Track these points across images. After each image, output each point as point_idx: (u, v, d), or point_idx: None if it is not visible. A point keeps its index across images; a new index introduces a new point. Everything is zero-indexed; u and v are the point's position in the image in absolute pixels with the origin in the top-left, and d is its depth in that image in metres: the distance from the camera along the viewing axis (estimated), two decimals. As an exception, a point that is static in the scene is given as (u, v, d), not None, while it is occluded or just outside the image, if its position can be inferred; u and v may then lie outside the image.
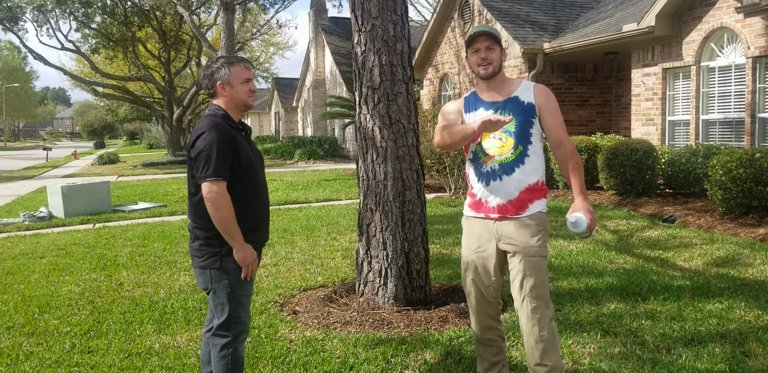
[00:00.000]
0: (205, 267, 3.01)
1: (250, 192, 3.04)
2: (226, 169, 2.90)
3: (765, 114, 9.14)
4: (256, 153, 3.19)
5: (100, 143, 56.08)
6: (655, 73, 11.02)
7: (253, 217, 3.06)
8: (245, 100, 3.08)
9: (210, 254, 2.99)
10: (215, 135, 2.90)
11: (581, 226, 2.85)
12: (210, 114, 3.06)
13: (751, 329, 4.11)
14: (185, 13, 18.67)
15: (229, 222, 2.89)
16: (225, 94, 3.05)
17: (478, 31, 2.94)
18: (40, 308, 5.15)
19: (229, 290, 3.00)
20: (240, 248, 2.94)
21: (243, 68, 3.05)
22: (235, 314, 3.02)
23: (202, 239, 3.01)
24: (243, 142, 3.04)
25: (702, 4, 9.96)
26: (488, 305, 3.09)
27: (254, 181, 3.06)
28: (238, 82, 3.04)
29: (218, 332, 3.03)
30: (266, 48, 40.06)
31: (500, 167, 2.94)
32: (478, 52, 2.94)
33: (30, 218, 10.24)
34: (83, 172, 22.56)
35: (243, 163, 2.97)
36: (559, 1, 15.57)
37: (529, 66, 13.56)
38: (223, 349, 3.01)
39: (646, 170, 9.33)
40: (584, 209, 2.87)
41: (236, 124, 3.08)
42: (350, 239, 7.66)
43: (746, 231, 7.04)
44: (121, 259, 6.96)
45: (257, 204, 3.10)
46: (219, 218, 2.88)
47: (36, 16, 24.39)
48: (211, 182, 2.86)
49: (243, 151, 2.99)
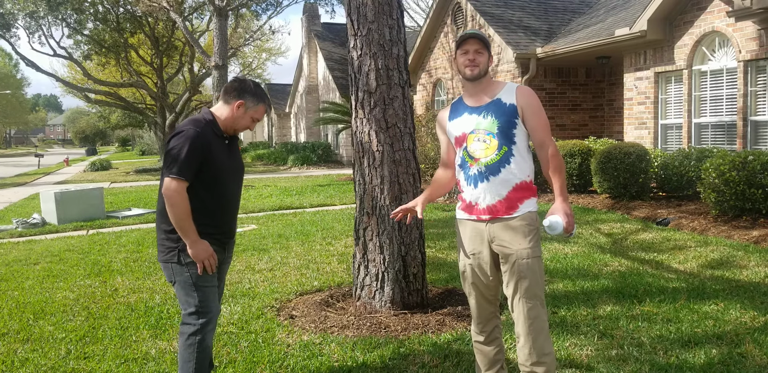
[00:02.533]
0: (166, 261, 3.11)
1: (215, 199, 3.11)
2: (190, 171, 2.98)
3: (757, 117, 9.21)
4: (237, 162, 3.25)
5: (92, 150, 55.87)
6: (648, 77, 11.08)
7: (213, 218, 3.13)
8: (238, 128, 3.20)
9: (170, 248, 3.09)
10: (189, 137, 2.99)
11: (557, 229, 2.87)
12: (196, 118, 3.14)
13: (747, 330, 4.13)
14: (178, 19, 18.65)
15: (183, 219, 2.98)
16: (233, 112, 3.14)
17: (469, 34, 2.98)
18: (34, 314, 5.11)
19: (191, 281, 3.09)
20: (193, 244, 3.02)
21: (263, 110, 3.20)
22: (203, 304, 3.11)
23: (162, 234, 3.11)
24: (219, 150, 3.10)
25: (693, 9, 10.03)
26: (488, 304, 3.13)
27: (221, 188, 3.12)
28: (250, 114, 3.16)
29: (185, 321, 3.14)
30: (259, 54, 40.05)
31: (486, 169, 2.97)
32: (467, 54, 2.98)
33: (23, 224, 10.19)
34: (76, 178, 22.47)
35: (211, 170, 3.05)
36: (552, 7, 15.66)
37: (522, 71, 13.62)
38: (189, 337, 3.11)
39: (639, 174, 9.38)
40: (562, 210, 2.89)
41: (220, 132, 3.15)
42: (345, 244, 7.65)
43: (740, 233, 7.08)
44: (115, 265, 6.93)
45: (221, 212, 3.16)
46: (173, 215, 2.98)
47: (28, 23, 24.28)
48: (171, 179, 2.97)
49: (215, 158, 3.06)
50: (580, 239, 7.33)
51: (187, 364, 3.12)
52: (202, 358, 3.12)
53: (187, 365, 3.12)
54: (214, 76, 17.00)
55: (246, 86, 3.16)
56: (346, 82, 23.79)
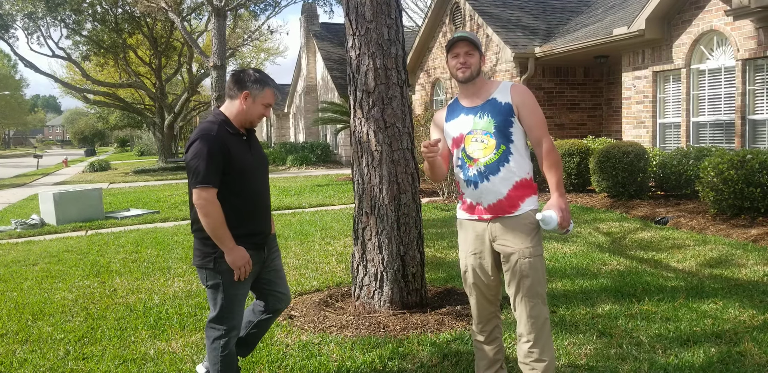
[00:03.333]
0: (201, 266, 3.12)
1: (244, 197, 3.11)
2: (215, 176, 2.97)
3: (755, 116, 9.21)
4: (258, 156, 3.23)
5: (91, 151, 55.81)
6: (646, 76, 11.09)
7: (247, 221, 3.12)
8: (253, 119, 3.15)
9: (206, 254, 3.09)
10: (204, 144, 2.97)
11: (550, 224, 2.87)
12: (208, 120, 3.13)
13: (746, 329, 4.13)
14: (177, 19, 18.63)
15: (218, 227, 2.97)
16: (242, 105, 3.10)
17: (458, 37, 3.00)
18: (33, 315, 5.11)
19: (222, 288, 3.11)
20: (230, 251, 3.02)
21: (271, 93, 3.13)
22: (227, 309, 3.14)
23: (198, 240, 3.12)
24: (239, 149, 3.08)
25: (691, 8, 10.04)
26: (489, 304, 3.13)
27: (247, 188, 3.11)
28: (259, 102, 3.11)
29: (211, 324, 3.18)
30: (257, 54, 40.00)
31: (486, 168, 2.97)
32: (458, 57, 3.00)
33: (22, 225, 10.18)
34: (74, 179, 22.45)
35: (235, 169, 3.04)
36: (550, 6, 15.66)
37: (520, 70, 13.62)
38: (214, 341, 3.17)
39: (637, 173, 9.38)
40: (557, 206, 2.89)
41: (235, 129, 3.11)
42: (344, 244, 7.65)
43: (738, 232, 7.08)
44: (114, 265, 6.92)
45: (253, 208, 3.16)
46: (207, 224, 2.97)
47: (27, 24, 24.25)
48: (200, 189, 2.96)
49: (235, 158, 3.03)
50: (579, 238, 7.33)
51: (214, 366, 3.20)
52: (227, 362, 3.18)
53: (214, 367, 3.20)
54: (212, 77, 16.98)
55: (246, 76, 3.12)
56: (345, 82, 23.77)
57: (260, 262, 3.25)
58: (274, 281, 3.38)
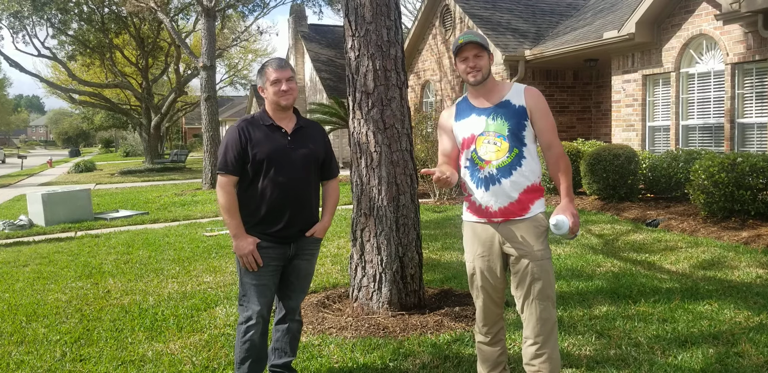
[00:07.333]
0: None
1: (266, 186, 3.17)
2: (232, 164, 3.15)
3: (744, 119, 9.31)
4: (302, 150, 3.24)
5: (76, 151, 55.33)
6: (635, 79, 11.17)
7: (267, 211, 3.19)
8: (275, 100, 3.22)
9: None
10: (226, 134, 3.21)
11: (563, 228, 2.86)
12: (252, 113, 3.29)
13: (742, 330, 4.17)
14: (165, 19, 18.53)
15: (225, 213, 3.16)
16: (265, 96, 3.27)
17: (465, 40, 2.95)
18: (27, 316, 5.06)
19: (240, 273, 3.27)
20: (235, 238, 3.17)
21: (272, 70, 3.21)
22: (244, 298, 3.25)
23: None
24: (265, 139, 3.17)
25: (681, 12, 10.13)
26: (496, 306, 3.12)
27: (277, 175, 3.17)
28: (268, 84, 3.21)
29: (238, 308, 3.32)
30: (245, 55, 39.83)
31: (498, 171, 2.94)
32: (467, 61, 2.96)
33: (10, 226, 10.07)
34: (60, 180, 22.23)
35: (257, 159, 3.14)
36: (539, 9, 15.74)
37: (510, 73, 13.67)
38: (239, 326, 3.28)
39: (628, 175, 9.44)
40: (569, 210, 2.89)
41: (269, 121, 3.23)
42: (338, 245, 7.64)
43: (729, 234, 7.15)
44: (106, 267, 6.87)
45: (276, 199, 3.18)
46: (220, 208, 3.21)
47: (12, 23, 23.99)
48: (220, 175, 3.19)
49: (258, 147, 3.15)
50: (573, 240, 7.36)
51: (236, 350, 3.29)
52: (245, 349, 3.23)
53: (236, 351, 3.28)
54: (202, 77, 16.90)
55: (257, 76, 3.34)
56: (334, 84, 23.78)
57: (281, 258, 3.26)
58: (293, 282, 3.38)
